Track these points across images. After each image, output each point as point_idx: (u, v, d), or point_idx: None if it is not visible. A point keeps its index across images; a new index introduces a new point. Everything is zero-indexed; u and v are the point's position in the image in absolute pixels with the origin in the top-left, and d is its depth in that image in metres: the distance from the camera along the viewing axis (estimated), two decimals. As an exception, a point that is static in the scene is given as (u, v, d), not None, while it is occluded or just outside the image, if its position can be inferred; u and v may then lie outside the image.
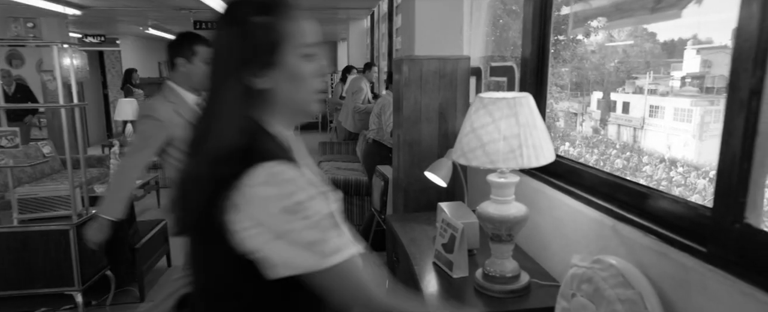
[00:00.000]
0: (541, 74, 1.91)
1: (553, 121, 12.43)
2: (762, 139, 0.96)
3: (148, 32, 8.17)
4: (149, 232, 3.20)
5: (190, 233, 0.86)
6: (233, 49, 0.82)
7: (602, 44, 11.54)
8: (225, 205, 0.74)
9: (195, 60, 1.87)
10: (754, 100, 0.95)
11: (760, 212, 0.98)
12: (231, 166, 0.75)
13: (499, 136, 1.39)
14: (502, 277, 1.53)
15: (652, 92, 10.33)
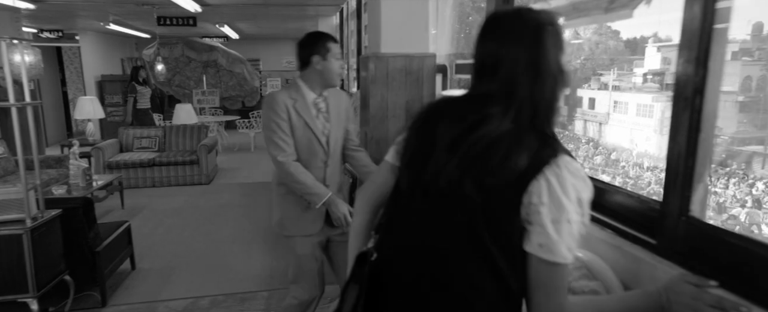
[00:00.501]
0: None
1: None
2: (704, 136, 1.01)
3: (109, 28, 7.90)
4: (111, 235, 3.11)
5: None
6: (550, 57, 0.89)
7: (568, 41, 11.64)
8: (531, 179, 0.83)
9: (329, 57, 1.91)
10: (697, 99, 1.00)
11: (704, 205, 1.03)
12: (551, 149, 0.85)
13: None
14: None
15: (616, 88, 10.57)
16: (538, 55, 0.88)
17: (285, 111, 1.91)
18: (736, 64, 10.69)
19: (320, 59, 1.91)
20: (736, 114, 11.71)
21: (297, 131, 1.93)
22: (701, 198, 1.03)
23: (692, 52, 1.00)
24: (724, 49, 0.99)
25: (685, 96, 1.02)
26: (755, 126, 11.58)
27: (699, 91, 0.99)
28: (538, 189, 0.82)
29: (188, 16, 6.91)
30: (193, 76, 9.19)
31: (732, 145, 11.69)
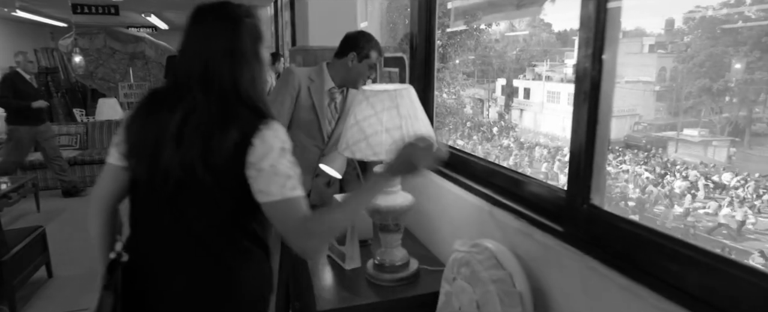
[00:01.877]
0: (429, 65, 1.96)
1: (460, 108, 12.87)
2: (601, 127, 1.06)
3: (16, 15, 7.23)
4: (22, 242, 2.87)
5: (201, 177, 1.02)
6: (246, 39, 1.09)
7: (504, 33, 11.88)
8: (246, 145, 1.02)
9: (365, 62, 1.97)
10: (594, 92, 1.05)
11: (603, 194, 1.09)
12: (256, 119, 1.04)
13: (382, 128, 1.41)
14: (391, 265, 1.57)
15: (549, 79, 11.13)
16: (235, 45, 1.05)
17: (296, 87, 1.99)
18: (653, 56, 11.56)
19: (355, 58, 1.97)
20: (653, 102, 12.65)
21: (301, 111, 1.98)
22: (600, 186, 1.09)
23: (589, 48, 1.04)
24: (617, 45, 1.04)
25: (585, 90, 1.06)
26: (670, 113, 12.56)
27: (595, 84, 1.04)
28: (252, 151, 1.02)
29: (109, 5, 6.48)
30: (119, 69, 8.64)
31: (650, 131, 12.59)
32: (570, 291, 1.10)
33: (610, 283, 0.99)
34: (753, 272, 0.75)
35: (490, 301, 1.15)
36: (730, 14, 13.91)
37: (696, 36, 15.88)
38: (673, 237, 0.89)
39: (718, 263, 0.80)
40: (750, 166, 12.73)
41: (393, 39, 2.44)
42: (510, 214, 1.34)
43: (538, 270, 1.21)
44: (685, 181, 12.12)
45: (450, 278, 1.33)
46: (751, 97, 14.08)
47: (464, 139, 13.52)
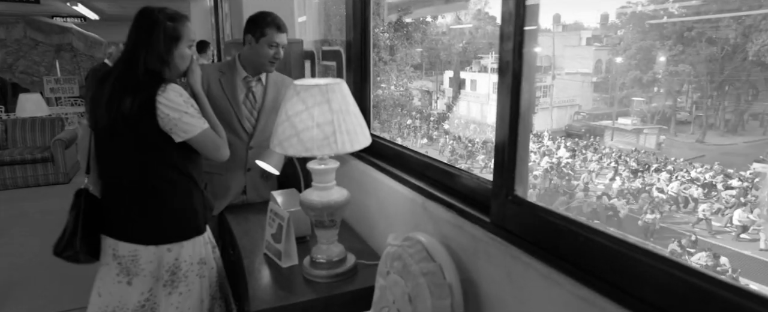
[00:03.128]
0: (365, 58, 1.95)
1: (408, 100, 13.06)
2: (523, 120, 1.09)
3: None
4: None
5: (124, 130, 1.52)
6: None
7: (449, 26, 12.27)
8: (154, 105, 1.49)
9: (262, 41, 1.91)
10: (516, 85, 1.07)
11: (526, 185, 1.12)
12: (155, 84, 1.51)
13: (313, 123, 1.39)
14: (328, 262, 1.55)
15: (495, 70, 11.51)
16: (150, 39, 1.52)
17: (204, 83, 1.92)
18: (590, 49, 12.23)
19: (252, 40, 1.91)
20: (591, 93, 13.40)
21: (216, 105, 1.90)
22: (523, 178, 1.12)
23: (510, 42, 1.06)
24: (536, 40, 1.07)
25: (507, 83, 1.09)
26: (606, 103, 13.32)
27: (517, 78, 1.07)
28: (160, 106, 1.49)
29: (28, -8, 5.99)
30: (43, 62, 8.05)
31: (589, 120, 13.27)
32: (497, 280, 1.13)
33: (532, 271, 1.02)
34: (656, 257, 0.80)
35: (421, 293, 1.16)
36: (656, 10, 14.81)
37: (628, 30, 16.79)
38: (587, 225, 0.93)
39: (624, 248, 0.84)
40: (674, 151, 13.65)
41: (331, 32, 2.40)
42: (442, 206, 1.36)
43: (468, 261, 1.23)
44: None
45: (384, 272, 1.33)
46: (675, 88, 15.11)
47: (407, 130, 13.62)
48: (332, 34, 2.34)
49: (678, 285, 0.75)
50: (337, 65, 2.20)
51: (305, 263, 1.59)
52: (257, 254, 1.74)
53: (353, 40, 1.96)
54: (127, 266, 1.60)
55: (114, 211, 1.61)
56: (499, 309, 1.13)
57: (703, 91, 17.70)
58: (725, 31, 15.65)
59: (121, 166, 1.58)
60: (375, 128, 2.11)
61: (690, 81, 17.86)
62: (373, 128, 2.00)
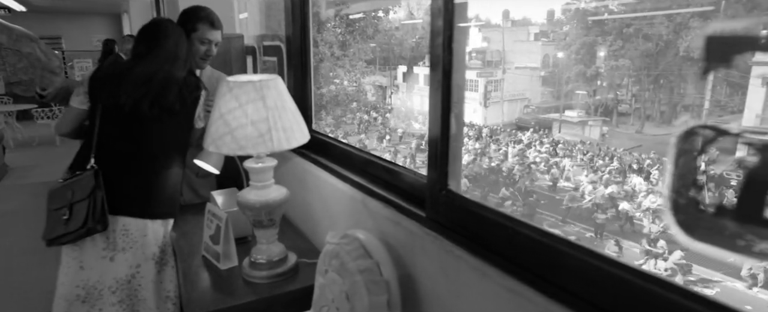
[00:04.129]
0: (304, 53, 1.91)
1: (362, 95, 13.18)
2: (454, 115, 1.10)
3: None
4: None
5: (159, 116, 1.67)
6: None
7: (402, 21, 12.55)
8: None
9: (193, 37, 1.87)
10: (446, 80, 1.08)
11: (459, 179, 1.13)
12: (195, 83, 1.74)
13: (247, 120, 1.35)
14: (268, 262, 1.52)
15: None
16: (172, 43, 1.71)
17: None
18: (538, 44, 12.84)
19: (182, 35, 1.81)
20: (539, 87, 14.08)
21: None
22: (456, 172, 1.13)
23: (439, 38, 1.07)
24: (466, 36, 1.08)
25: (438, 78, 1.09)
26: (553, 97, 14.07)
27: (447, 73, 1.07)
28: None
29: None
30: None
31: (538, 113, 13.94)
32: (432, 275, 1.14)
33: (464, 264, 1.03)
34: (577, 248, 0.82)
35: (358, 291, 1.16)
36: (598, 7, 15.56)
37: (572, 26, 17.57)
38: (514, 217, 0.95)
39: (547, 239, 0.86)
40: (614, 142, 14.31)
41: (273, 27, 2.34)
42: (381, 202, 1.35)
43: (406, 256, 1.24)
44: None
45: (322, 271, 1.31)
46: (616, 82, 15.94)
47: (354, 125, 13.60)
48: (273, 28, 2.28)
49: (593, 272, 0.78)
50: (278, 61, 2.15)
51: (245, 264, 1.55)
52: (195, 257, 1.68)
53: (293, 36, 1.92)
54: (115, 241, 1.64)
55: (113, 185, 1.63)
56: (435, 303, 1.14)
57: (642, 84, 18.74)
58: (659, 27, 16.61)
59: (133, 143, 1.67)
60: (329, 124, 2.07)
61: (629, 75, 18.85)
62: (327, 124, 1.97)
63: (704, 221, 0.65)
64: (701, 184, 0.66)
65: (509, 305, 0.92)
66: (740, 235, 0.61)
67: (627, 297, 0.73)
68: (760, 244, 0.59)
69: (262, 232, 1.51)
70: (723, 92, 16.92)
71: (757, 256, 0.60)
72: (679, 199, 0.68)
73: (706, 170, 8.88)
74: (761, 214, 0.60)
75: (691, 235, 0.67)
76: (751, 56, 0.60)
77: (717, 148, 0.67)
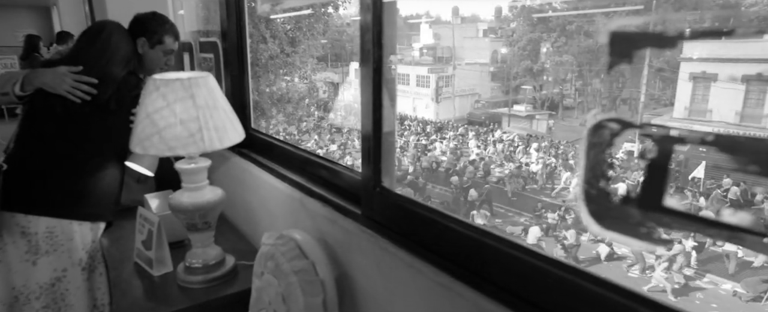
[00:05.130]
0: (241, 49, 1.85)
1: (313, 92, 13.02)
2: (386, 111, 1.09)
3: None
4: None
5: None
6: None
7: (352, 18, 12.55)
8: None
9: (157, 48, 1.80)
10: (377, 76, 1.07)
11: (392, 176, 1.13)
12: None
13: (176, 120, 1.29)
14: (204, 266, 1.47)
15: (400, 61, 12.20)
16: (112, 41, 1.64)
17: None
18: (486, 40, 13.27)
19: (146, 44, 1.76)
20: (489, 82, 14.55)
21: None
22: (390, 169, 1.12)
23: (369, 33, 1.06)
24: (395, 30, 1.07)
25: (369, 75, 1.08)
26: (502, 92, 14.63)
27: (377, 69, 1.07)
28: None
29: None
30: None
31: (488, 108, 14.47)
32: (369, 272, 1.13)
33: (398, 261, 1.03)
34: (502, 241, 0.84)
35: (293, 292, 1.13)
36: (542, 4, 16.23)
37: (519, 23, 18.28)
38: (444, 213, 0.96)
39: (474, 233, 0.88)
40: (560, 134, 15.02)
41: (210, 22, 2.26)
42: (318, 201, 1.33)
43: (344, 255, 1.23)
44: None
45: (259, 273, 1.28)
46: (561, 77, 16.61)
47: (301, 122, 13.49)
48: (210, 24, 2.20)
49: (517, 264, 0.79)
50: (214, 57, 2.08)
51: (179, 270, 1.49)
52: (127, 264, 1.60)
53: (228, 31, 1.85)
54: (37, 244, 1.54)
55: (37, 185, 1.56)
56: (371, 301, 1.14)
57: (584, 79, 19.55)
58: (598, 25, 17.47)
59: (68, 141, 1.59)
60: (280, 121, 2.02)
61: (573, 70, 19.60)
62: (278, 121, 1.93)
63: (613, 211, 0.68)
64: (610, 176, 0.69)
65: (442, 301, 0.93)
66: (643, 222, 0.64)
67: (550, 287, 0.75)
68: (660, 230, 0.62)
69: (197, 236, 1.45)
70: (657, 86, 18.05)
71: (657, 243, 0.63)
72: (590, 190, 0.70)
73: (615, 161, 9.52)
74: (661, 202, 0.62)
75: (602, 225, 0.69)
76: (649, 52, 0.63)
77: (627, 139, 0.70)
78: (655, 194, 0.62)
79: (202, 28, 2.32)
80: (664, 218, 0.62)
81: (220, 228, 1.71)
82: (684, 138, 0.61)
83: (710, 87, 12.44)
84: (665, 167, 0.63)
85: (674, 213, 0.61)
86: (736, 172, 0.56)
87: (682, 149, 0.62)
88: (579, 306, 0.71)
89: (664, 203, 0.62)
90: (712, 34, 0.63)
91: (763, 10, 12.34)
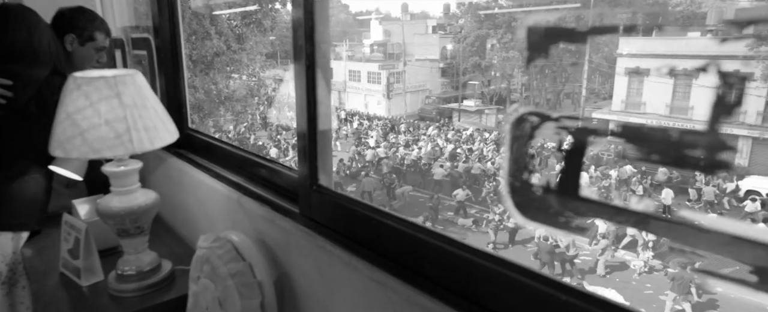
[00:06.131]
0: (175, 45, 1.78)
1: (260, 89, 12.75)
2: (321, 107, 1.08)
3: None
4: None
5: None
6: None
7: None
8: None
9: (89, 46, 1.72)
10: (310, 72, 1.05)
11: (330, 174, 1.12)
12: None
13: (101, 120, 1.22)
14: (138, 273, 1.40)
15: (350, 58, 12.57)
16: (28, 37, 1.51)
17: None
18: (436, 36, 13.59)
19: (75, 40, 1.68)
20: (439, 78, 14.93)
21: None
22: (327, 167, 1.11)
23: (301, 29, 1.04)
24: (327, 26, 1.06)
25: (302, 71, 1.06)
26: (452, 87, 15.05)
27: (310, 66, 1.05)
28: None
29: None
30: None
31: (438, 103, 14.85)
32: (308, 271, 1.12)
33: (336, 260, 1.02)
34: (433, 235, 0.84)
35: (230, 296, 1.10)
36: (488, 1, 16.67)
37: (467, 19, 18.75)
38: (378, 209, 0.96)
39: (408, 228, 0.88)
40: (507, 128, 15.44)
41: (142, 17, 2.15)
42: (256, 201, 1.30)
43: (283, 255, 1.20)
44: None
45: (195, 278, 1.24)
46: (508, 72, 17.16)
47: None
48: (142, 19, 2.09)
49: (448, 258, 0.80)
50: (148, 54, 1.98)
51: (111, 278, 1.41)
52: (52, 275, 1.50)
53: (161, 27, 1.77)
54: None
55: None
56: (311, 301, 1.12)
57: (530, 74, 20.26)
58: (570, 24, 18.00)
59: None
60: (228, 120, 1.95)
61: (519, 66, 20.27)
62: (226, 120, 1.87)
63: (535, 202, 0.70)
64: (532, 168, 0.71)
65: (377, 297, 0.93)
66: (561, 212, 0.66)
67: (478, 279, 0.77)
68: (576, 219, 0.65)
69: (129, 242, 1.38)
70: (597, 81, 18.96)
71: (575, 231, 0.65)
72: (514, 182, 0.72)
73: (536, 153, 10.22)
74: (577, 193, 0.65)
75: (526, 215, 0.71)
76: (563, 46, 0.65)
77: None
78: (572, 184, 0.65)
79: (134, 24, 2.21)
80: (580, 207, 0.64)
81: (156, 232, 1.63)
82: (596, 130, 0.63)
83: (644, 81, 13.24)
84: (580, 158, 0.65)
85: (589, 202, 0.64)
86: (641, 161, 0.59)
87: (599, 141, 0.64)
88: (502, 294, 0.73)
89: (580, 193, 0.64)
90: (615, 29, 0.66)
91: (687, 9, 13.23)
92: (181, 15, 1.78)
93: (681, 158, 0.52)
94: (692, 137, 0.52)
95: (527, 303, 0.70)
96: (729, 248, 0.48)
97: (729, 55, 11.87)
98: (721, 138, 0.50)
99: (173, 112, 1.77)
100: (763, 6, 4.46)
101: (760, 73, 12.24)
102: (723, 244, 0.48)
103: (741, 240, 0.47)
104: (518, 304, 0.72)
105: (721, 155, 0.49)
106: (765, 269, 0.46)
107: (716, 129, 0.50)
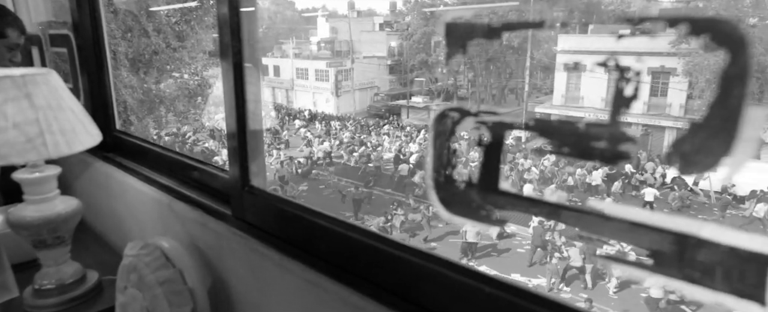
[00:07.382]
0: (98, 43, 1.67)
1: (204, 89, 12.32)
2: (252, 107, 1.05)
3: None
4: None
5: None
6: None
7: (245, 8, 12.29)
8: None
9: (2, 43, 1.57)
10: (238, 71, 1.02)
11: (263, 175, 1.09)
12: None
13: (8, 123, 1.12)
14: (59, 286, 1.31)
15: (297, 56, 12.36)
16: None
17: None
18: (383, 34, 13.62)
19: None
20: (387, 75, 15.03)
21: None
22: (260, 168, 1.08)
23: (227, 26, 1.00)
24: (256, 26, 1.03)
25: (230, 69, 1.02)
26: (400, 84, 15.18)
27: (238, 65, 1.01)
28: None
29: None
30: None
31: (387, 100, 14.93)
32: (242, 275, 1.09)
33: (269, 262, 0.99)
34: (363, 232, 0.84)
35: (159, 305, 1.05)
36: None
37: (413, 17, 18.98)
38: (309, 208, 0.94)
39: (338, 226, 0.87)
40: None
41: (62, 12, 2.01)
42: (187, 204, 1.25)
43: (216, 259, 1.16)
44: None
45: (122, 288, 1.17)
46: (454, 69, 17.53)
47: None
48: (60, 14, 1.96)
49: (378, 255, 0.80)
50: (68, 51, 1.86)
51: (26, 294, 1.31)
52: (-39, 293, 1.37)
53: (81, 23, 1.66)
54: None
55: None
56: (246, 305, 1.09)
57: (476, 70, 20.77)
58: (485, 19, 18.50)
59: None
60: (170, 121, 1.85)
61: (465, 62, 20.78)
62: (168, 121, 1.76)
63: (458, 196, 0.71)
64: (454, 163, 0.71)
65: (310, 297, 0.91)
66: (482, 206, 0.67)
67: (408, 275, 0.77)
68: (496, 212, 0.66)
69: (47, 253, 1.29)
70: (538, 77, 19.70)
71: (496, 224, 0.66)
72: (438, 178, 0.72)
73: (457, 148, 10.78)
74: (496, 186, 0.66)
75: (450, 210, 0.72)
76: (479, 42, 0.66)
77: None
78: (491, 178, 0.66)
79: (51, 19, 2.06)
80: (499, 200, 0.66)
81: (82, 240, 1.55)
82: (512, 124, 0.65)
83: (581, 77, 13.90)
84: (499, 152, 0.66)
85: (507, 195, 0.65)
86: (554, 154, 0.60)
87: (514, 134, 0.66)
88: (430, 289, 0.74)
89: (499, 186, 0.66)
90: (529, 25, 0.68)
91: (618, 9, 14.07)
92: (104, 10, 1.68)
93: (587, 150, 0.54)
94: (596, 129, 0.54)
95: (455, 297, 0.71)
96: (630, 234, 0.51)
97: (655, 52, 12.61)
98: (622, 129, 0.52)
99: (98, 113, 1.68)
100: (682, 7, 4.78)
101: (681, 68, 13.17)
102: (624, 230, 0.51)
103: (639, 226, 0.49)
104: (446, 298, 0.72)
105: (621, 146, 0.52)
106: (660, 252, 0.48)
107: (617, 120, 0.52)
